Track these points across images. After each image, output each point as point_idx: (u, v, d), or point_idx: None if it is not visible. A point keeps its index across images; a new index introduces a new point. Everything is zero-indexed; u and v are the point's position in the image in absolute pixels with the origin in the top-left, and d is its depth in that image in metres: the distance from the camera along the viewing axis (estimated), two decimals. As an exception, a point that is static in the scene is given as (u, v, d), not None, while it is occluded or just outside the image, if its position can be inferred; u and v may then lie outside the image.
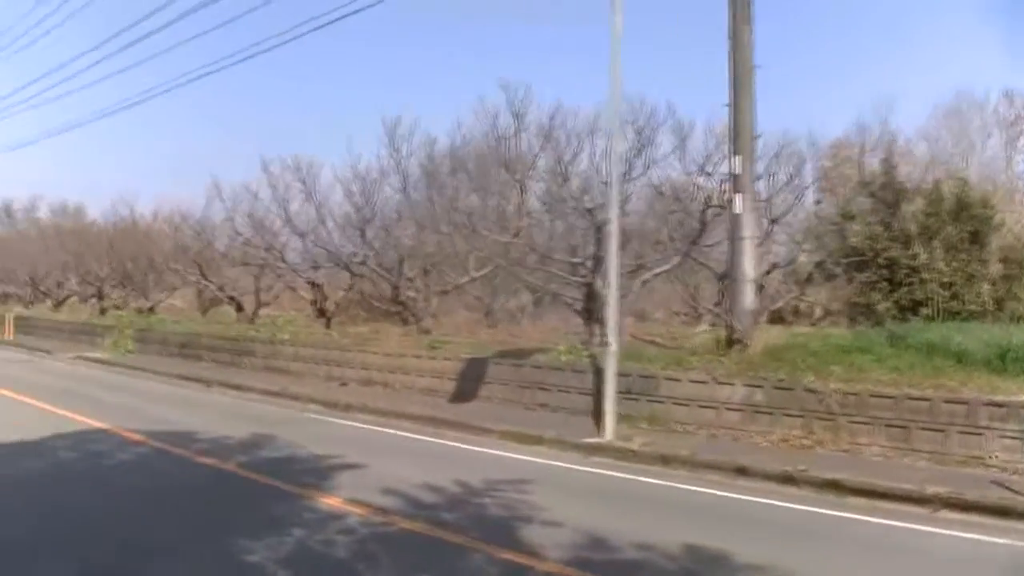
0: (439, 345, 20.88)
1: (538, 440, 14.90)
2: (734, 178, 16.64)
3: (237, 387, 21.84)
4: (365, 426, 16.65)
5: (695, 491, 11.50)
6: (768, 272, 23.24)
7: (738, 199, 16.46)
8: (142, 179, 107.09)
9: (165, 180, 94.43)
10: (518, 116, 21.07)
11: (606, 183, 21.89)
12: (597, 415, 16.59)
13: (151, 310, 39.12)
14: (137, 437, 14.03)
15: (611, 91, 15.30)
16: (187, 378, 23.80)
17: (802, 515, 10.24)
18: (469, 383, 19.24)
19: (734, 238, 16.70)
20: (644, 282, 22.04)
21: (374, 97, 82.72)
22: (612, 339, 15.22)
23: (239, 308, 34.03)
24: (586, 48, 79.95)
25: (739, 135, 16.66)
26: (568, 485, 11.83)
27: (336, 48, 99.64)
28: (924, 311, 20.35)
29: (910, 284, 20.41)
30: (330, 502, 10.00)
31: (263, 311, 34.52)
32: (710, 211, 21.45)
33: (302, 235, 29.34)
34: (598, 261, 20.39)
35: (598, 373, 17.16)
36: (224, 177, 34.74)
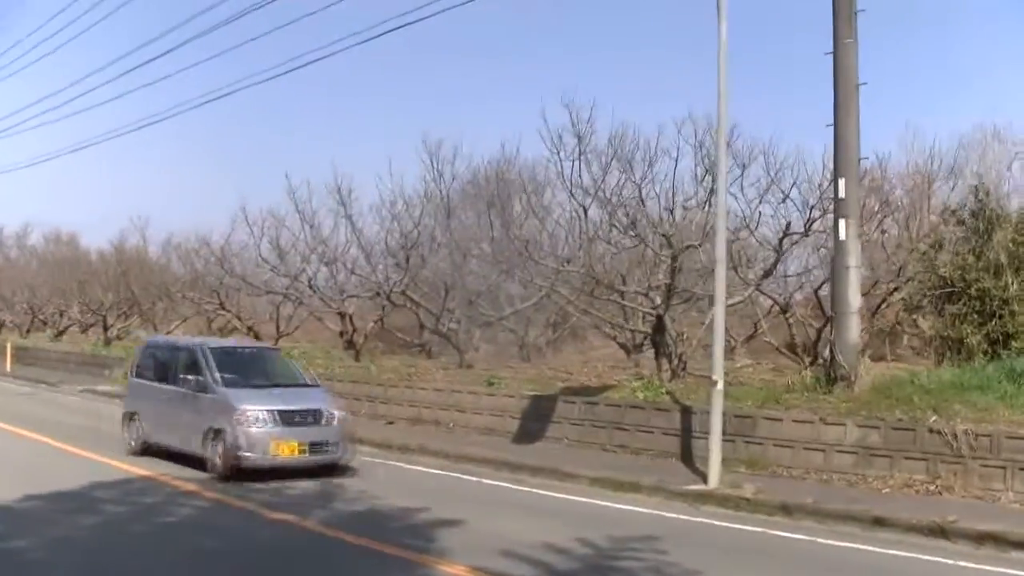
0: (496, 381, 19.25)
1: (635, 487, 13.39)
2: (838, 202, 15.28)
3: (271, 426, 20.06)
4: (433, 471, 14.99)
5: (846, 548, 10.17)
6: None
7: (843, 225, 15.07)
8: (149, 206, 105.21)
9: (177, 207, 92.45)
10: (580, 137, 19.52)
11: (670, 209, 20.56)
12: (687, 458, 15.25)
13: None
14: (188, 487, 12.32)
15: (719, 107, 13.77)
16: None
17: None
18: (534, 422, 17.62)
19: (837, 267, 15.33)
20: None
21: (412, 119, 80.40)
22: (718, 376, 13.62)
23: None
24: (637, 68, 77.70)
25: (843, 156, 15.33)
26: (700, 541, 10.39)
27: (369, 67, 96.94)
28: (1015, 344, 18.86)
29: (1000, 316, 18.90)
30: (452, 571, 8.33)
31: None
32: (786, 239, 19.88)
33: (329, 263, 27.69)
34: (670, 291, 18.83)
35: (685, 412, 15.71)
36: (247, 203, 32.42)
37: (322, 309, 28.07)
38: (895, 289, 21.76)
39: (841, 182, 15.12)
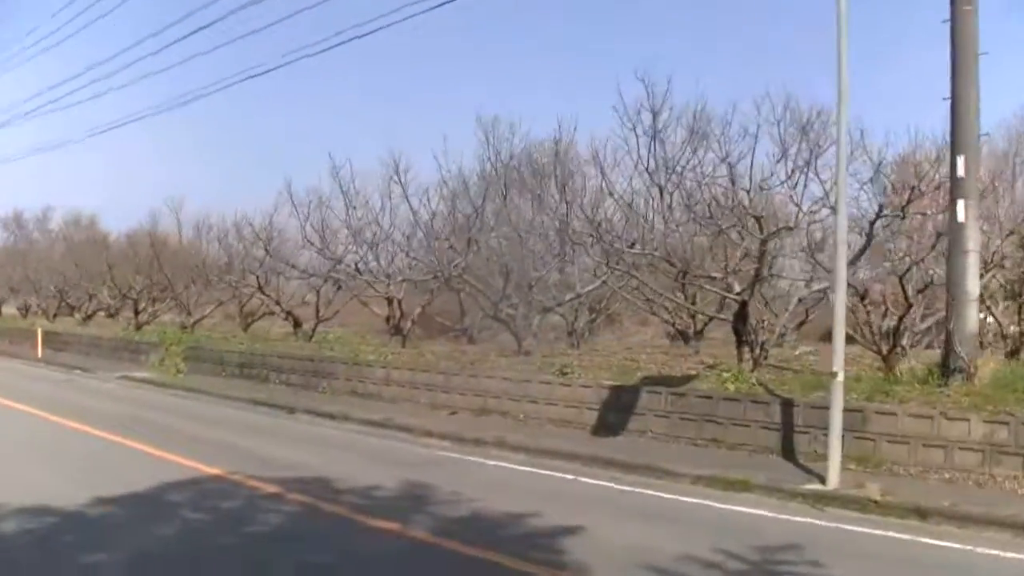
0: (571, 370, 18.06)
1: (744, 486, 12.27)
2: (956, 182, 14.04)
3: (329, 415, 19.03)
4: (519, 467, 13.87)
5: (1013, 559, 9.05)
6: (922, 290, 20.36)
7: (961, 206, 13.89)
8: (175, 189, 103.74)
9: (209, 190, 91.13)
10: (656, 113, 18.30)
11: (747, 190, 19.28)
12: (788, 454, 14.16)
13: (195, 325, 36.22)
14: (267, 488, 11.20)
15: (839, 82, 12.46)
16: (261, 403, 21.00)
17: None
18: (615, 414, 16.48)
19: (954, 252, 14.17)
20: (800, 299, 19.22)
21: (466, 96, 78.01)
22: (838, 367, 12.42)
23: (296, 324, 31.17)
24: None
25: (961, 132, 14.12)
26: (852, 552, 9.25)
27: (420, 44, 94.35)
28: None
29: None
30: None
31: (319, 328, 31.72)
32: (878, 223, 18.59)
33: (373, 246, 26.54)
34: (757, 276, 17.63)
35: (786, 405, 14.56)
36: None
37: (369, 293, 26.88)
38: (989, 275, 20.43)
39: (960, 160, 13.93)
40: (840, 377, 12.43)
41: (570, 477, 13.11)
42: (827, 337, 33.66)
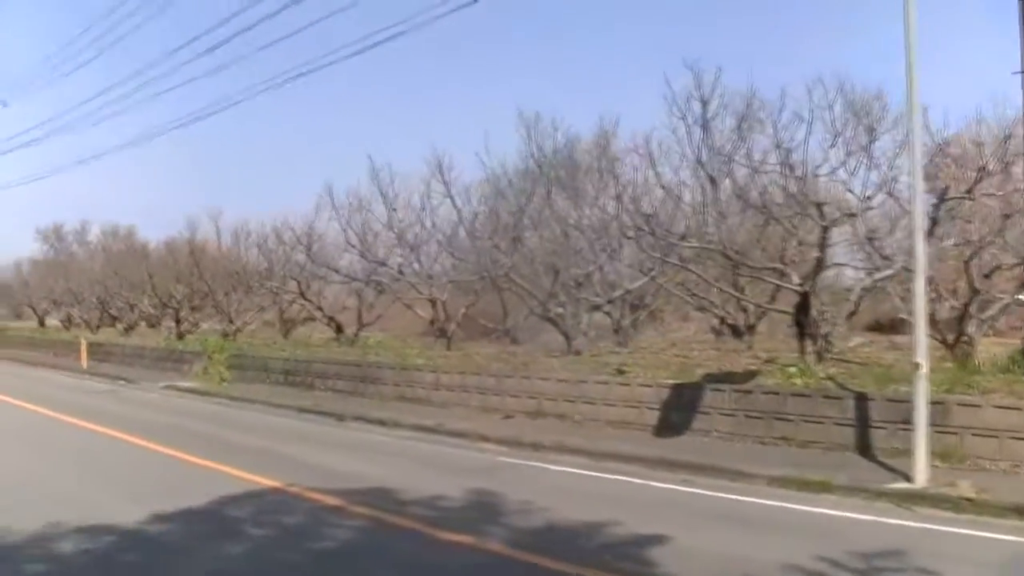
0: (628, 369, 17.49)
1: (824, 487, 11.62)
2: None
3: (379, 422, 18.56)
4: (585, 472, 13.27)
5: None
6: (988, 275, 19.60)
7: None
8: (209, 197, 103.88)
9: (245, 198, 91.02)
10: (705, 102, 17.69)
11: (802, 177, 18.59)
12: (864, 451, 13.55)
13: (236, 333, 35.98)
14: (328, 501, 10.70)
15: (907, 60, 11.79)
16: (308, 411, 20.59)
17: None
18: (677, 413, 15.90)
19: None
20: (865, 290, 18.50)
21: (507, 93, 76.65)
22: (921, 359, 11.75)
23: (339, 329, 30.81)
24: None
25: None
26: (955, 554, 8.63)
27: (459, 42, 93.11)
28: None
29: None
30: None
31: (361, 333, 31.32)
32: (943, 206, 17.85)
33: (414, 248, 26.07)
34: (819, 266, 16.96)
35: (860, 399, 13.90)
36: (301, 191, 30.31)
37: (412, 296, 26.41)
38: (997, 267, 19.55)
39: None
40: (924, 369, 11.78)
41: (639, 481, 12.53)
42: (877, 327, 32.86)
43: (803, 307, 17.56)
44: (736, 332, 25.68)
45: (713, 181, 17.87)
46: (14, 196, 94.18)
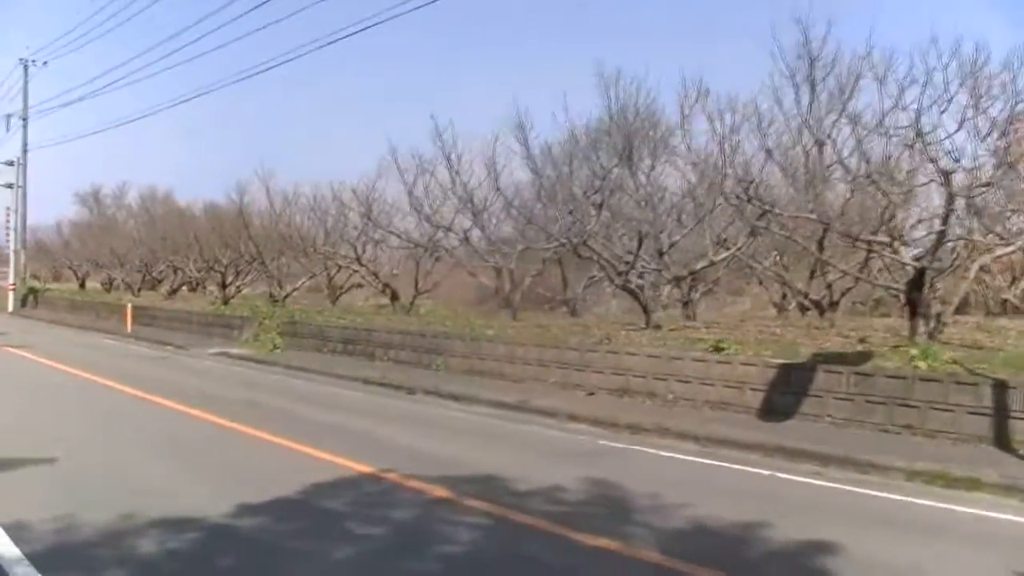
0: (726, 346, 16.16)
1: (974, 484, 10.33)
2: None
3: (452, 396, 17.40)
4: (700, 460, 12.03)
5: None
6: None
7: None
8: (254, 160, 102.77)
9: (292, 160, 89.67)
10: (813, 60, 16.25)
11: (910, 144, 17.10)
12: (1003, 443, 12.14)
13: (285, 299, 34.96)
14: (434, 491, 9.47)
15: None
16: (374, 383, 19.48)
17: None
18: (785, 396, 14.57)
19: None
20: (982, 268, 17.04)
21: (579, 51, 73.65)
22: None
23: (394, 296, 29.66)
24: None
25: None
26: None
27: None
28: None
29: None
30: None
31: (418, 300, 30.17)
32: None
33: (480, 212, 24.81)
34: (941, 240, 15.52)
35: (999, 386, 12.51)
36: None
37: (476, 263, 25.16)
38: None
39: None
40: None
41: (765, 472, 11.25)
42: (959, 309, 31.06)
43: (917, 284, 16.15)
44: (819, 309, 24.21)
45: (821, 146, 16.41)
46: (53, 158, 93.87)
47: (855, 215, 18.97)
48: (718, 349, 16.02)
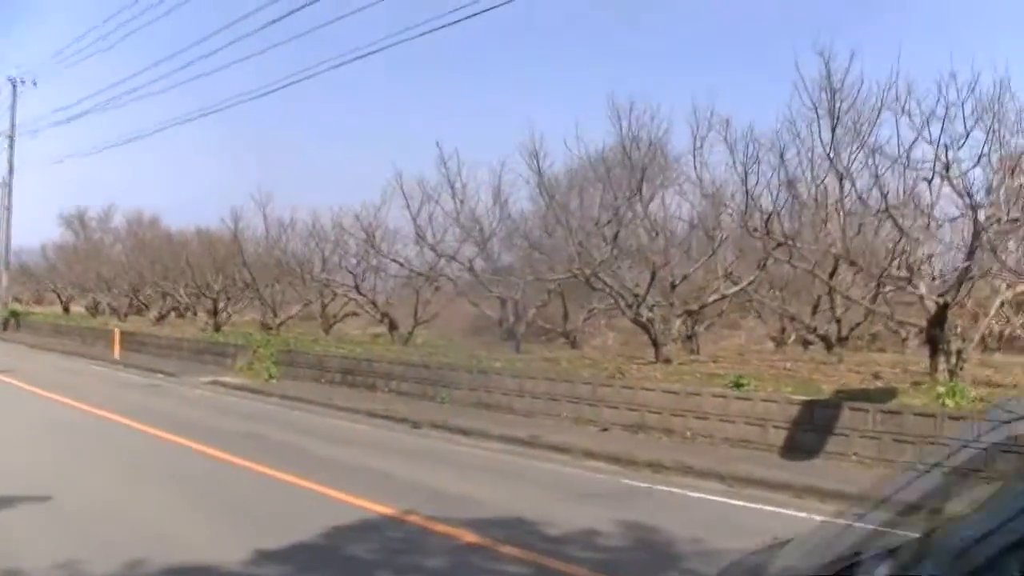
0: (746, 382, 15.71)
1: None
2: None
3: (461, 431, 16.85)
4: (732, 501, 11.49)
5: None
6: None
7: None
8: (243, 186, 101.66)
9: (285, 186, 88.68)
10: (835, 91, 15.97)
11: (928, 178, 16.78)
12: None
13: (280, 326, 34.32)
14: (464, 536, 8.91)
15: None
16: (377, 415, 18.89)
17: None
18: (808, 434, 14.12)
19: None
20: (1003, 303, 16.70)
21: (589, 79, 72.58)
22: None
23: (392, 326, 29.11)
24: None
25: None
26: None
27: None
28: None
29: None
30: None
31: (416, 331, 29.62)
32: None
33: (481, 244, 24.38)
34: (966, 274, 15.16)
35: (1038, 427, 11.99)
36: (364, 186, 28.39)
37: (479, 293, 24.68)
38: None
39: None
40: None
41: (802, 515, 10.70)
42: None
43: (939, 320, 15.74)
44: (827, 343, 23.84)
45: (841, 179, 16.07)
46: (38, 180, 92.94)
47: (861, 249, 18.65)
48: (738, 385, 15.56)
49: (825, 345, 23.89)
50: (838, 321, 23.09)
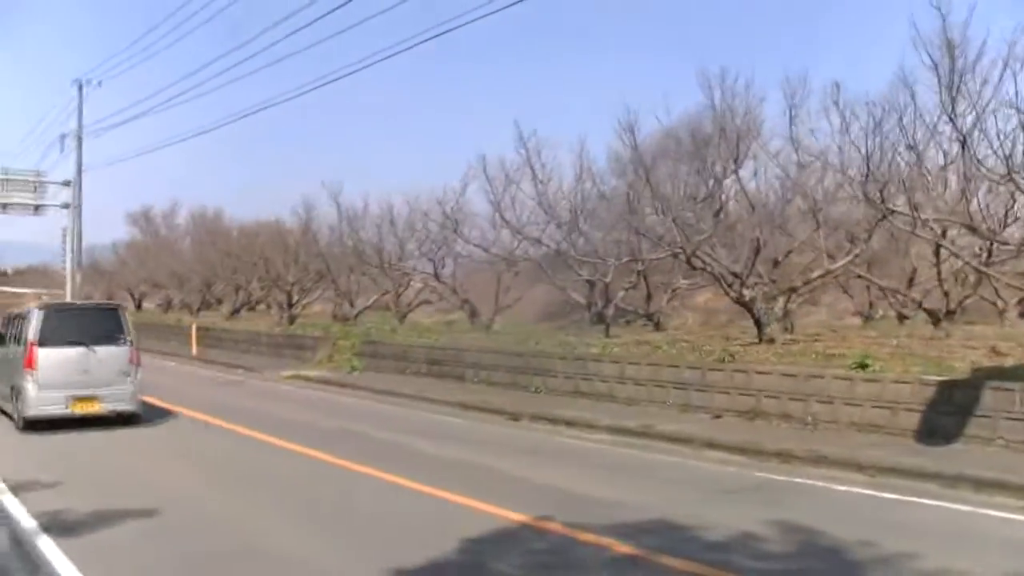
0: (871, 361, 14.74)
1: None
2: None
3: (566, 422, 16.13)
4: (881, 494, 10.56)
5: None
6: None
7: None
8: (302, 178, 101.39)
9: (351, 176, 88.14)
10: (953, 47, 14.87)
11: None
12: None
13: (357, 317, 33.88)
14: (617, 547, 8.07)
15: None
16: (472, 407, 18.27)
17: None
18: (945, 416, 13.16)
19: None
20: None
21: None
22: None
23: (473, 314, 28.48)
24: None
25: None
26: None
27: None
28: None
29: None
30: None
31: (496, 317, 28.95)
32: None
33: (562, 224, 23.53)
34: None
35: None
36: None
37: (566, 277, 23.86)
38: None
39: None
40: None
41: (965, 508, 9.83)
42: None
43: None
44: (934, 318, 22.64)
45: (964, 142, 14.97)
46: (107, 179, 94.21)
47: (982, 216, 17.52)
48: (863, 366, 14.60)
49: (932, 319, 22.68)
50: (946, 294, 21.87)
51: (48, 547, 8.04)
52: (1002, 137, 15.39)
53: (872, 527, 8.77)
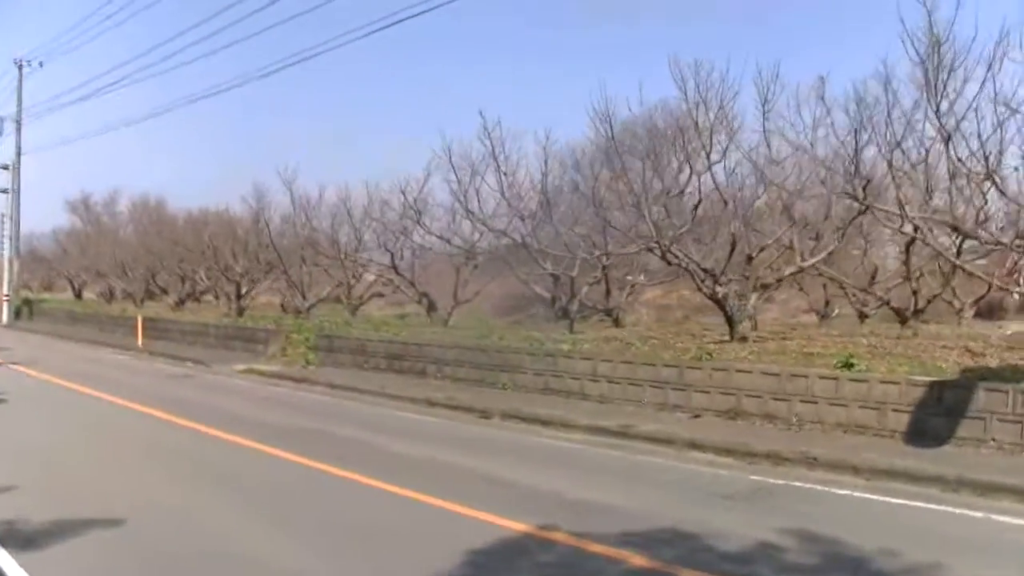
0: (856, 361, 14.43)
1: None
2: None
3: (540, 421, 15.58)
4: (887, 499, 10.23)
5: None
6: None
7: None
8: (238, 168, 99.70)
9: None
10: (939, 41, 14.66)
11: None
12: None
13: (310, 309, 32.96)
14: (629, 558, 7.58)
15: None
16: (438, 404, 17.63)
17: None
18: (934, 417, 12.91)
19: None
20: None
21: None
22: None
23: (431, 308, 27.80)
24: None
25: None
26: None
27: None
28: None
29: None
30: None
31: (455, 311, 28.30)
32: None
33: (525, 217, 22.99)
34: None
35: None
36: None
37: (535, 271, 23.31)
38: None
39: None
40: None
41: (977, 515, 9.51)
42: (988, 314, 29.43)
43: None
44: (900, 316, 22.55)
45: (949, 139, 14.74)
46: (46, 164, 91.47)
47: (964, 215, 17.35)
48: (848, 366, 14.28)
49: (899, 318, 22.58)
50: (915, 292, 21.77)
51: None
52: (983, 137, 15.16)
53: (890, 535, 8.39)
